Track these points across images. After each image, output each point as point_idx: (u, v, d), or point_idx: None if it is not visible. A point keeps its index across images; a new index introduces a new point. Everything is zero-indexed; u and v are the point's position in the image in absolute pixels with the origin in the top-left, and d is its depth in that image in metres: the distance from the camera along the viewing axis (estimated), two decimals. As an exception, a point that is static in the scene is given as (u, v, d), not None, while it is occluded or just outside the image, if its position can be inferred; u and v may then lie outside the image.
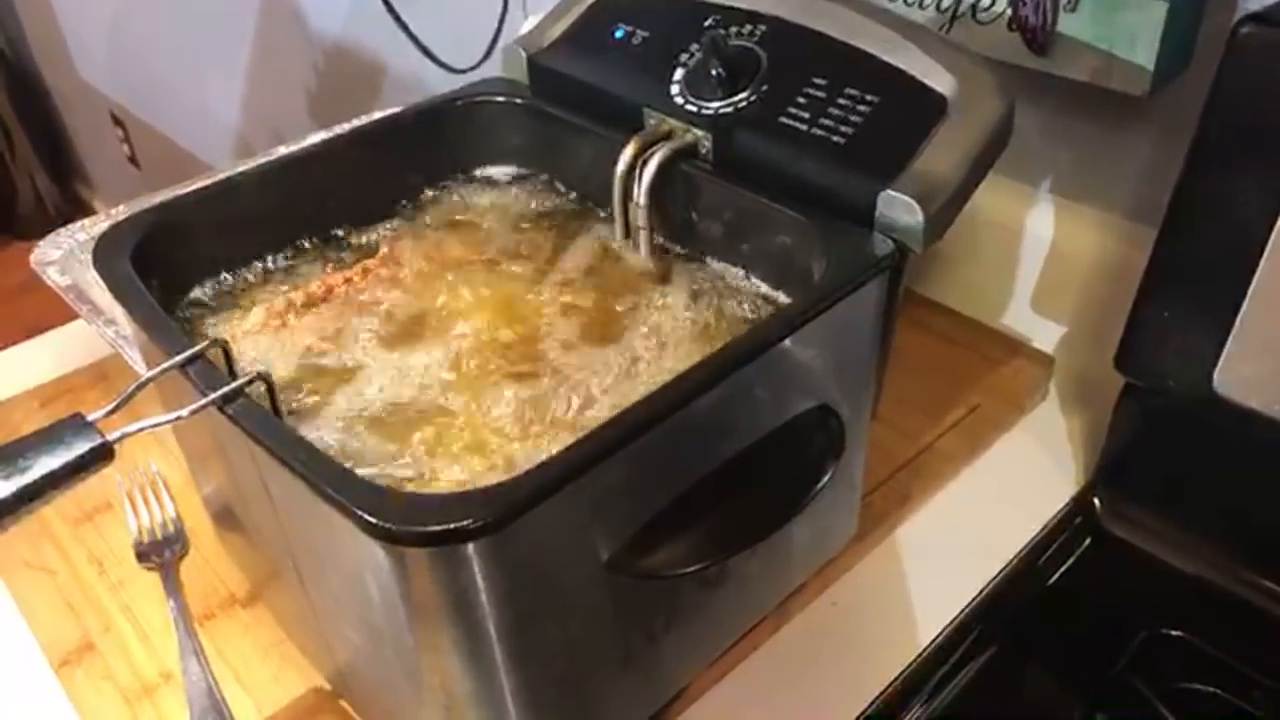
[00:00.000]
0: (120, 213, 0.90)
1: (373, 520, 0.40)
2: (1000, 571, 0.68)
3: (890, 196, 0.54)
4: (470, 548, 0.41)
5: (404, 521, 0.40)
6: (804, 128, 0.59)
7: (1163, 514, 0.68)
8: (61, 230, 0.89)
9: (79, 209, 3.16)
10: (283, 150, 0.86)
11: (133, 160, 2.70)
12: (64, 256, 0.86)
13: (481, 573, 0.42)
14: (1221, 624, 0.64)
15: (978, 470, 0.75)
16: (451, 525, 0.40)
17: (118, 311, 0.79)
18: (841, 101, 0.59)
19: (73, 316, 0.92)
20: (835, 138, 0.58)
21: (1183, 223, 0.59)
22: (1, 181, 3.03)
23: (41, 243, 0.87)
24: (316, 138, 0.91)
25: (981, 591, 0.66)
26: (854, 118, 0.58)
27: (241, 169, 0.66)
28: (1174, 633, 0.64)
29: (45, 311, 0.97)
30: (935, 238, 0.54)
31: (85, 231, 0.89)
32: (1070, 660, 0.64)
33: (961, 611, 0.65)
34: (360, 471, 0.45)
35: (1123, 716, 0.60)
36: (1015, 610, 0.66)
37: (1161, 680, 0.61)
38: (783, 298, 0.60)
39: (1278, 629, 0.63)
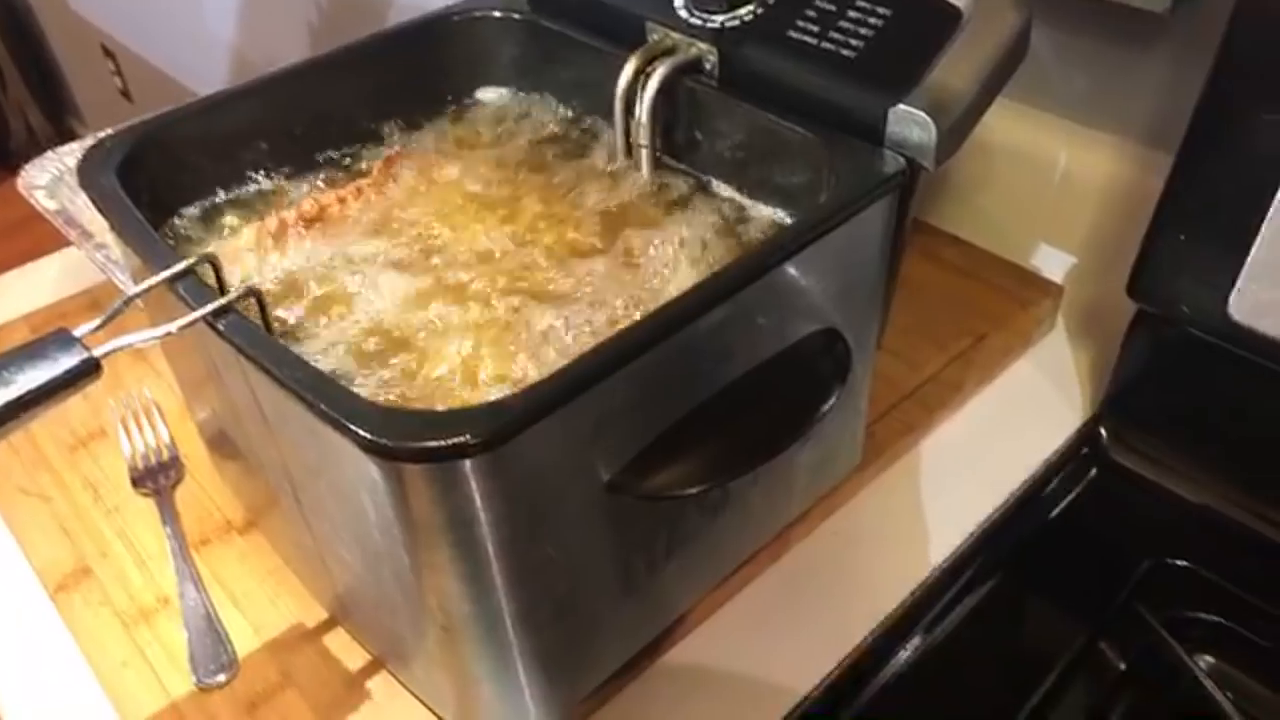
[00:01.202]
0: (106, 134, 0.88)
1: (369, 436, 0.39)
2: (1004, 501, 0.67)
3: (902, 111, 0.52)
4: (468, 465, 0.40)
5: (401, 437, 0.39)
6: (813, 41, 0.57)
7: (1170, 443, 0.67)
8: (49, 154, 0.87)
9: (71, 143, 3.12)
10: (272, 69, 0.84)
11: (125, 93, 2.66)
12: (52, 181, 0.85)
13: (479, 491, 0.41)
14: (1226, 553, 0.63)
15: (983, 400, 0.74)
16: (449, 441, 0.39)
17: (108, 234, 0.77)
18: (852, 14, 0.57)
19: (65, 247, 0.90)
20: (845, 51, 0.56)
21: (1201, 145, 0.57)
22: (-7, 117, 2.98)
23: (28, 166, 0.85)
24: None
25: (983, 523, 0.66)
26: (864, 31, 0.56)
27: (229, 87, 0.63)
28: (1178, 562, 0.63)
29: (45, 244, 0.95)
30: (947, 155, 0.53)
31: (73, 155, 0.87)
32: (1074, 590, 0.63)
33: (964, 542, 0.65)
34: (354, 390, 0.44)
35: (1127, 644, 0.60)
36: (1018, 540, 0.66)
37: (1165, 609, 0.60)
38: (787, 218, 0.58)
39: (1284, 558, 0.63)
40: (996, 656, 0.62)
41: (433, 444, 0.39)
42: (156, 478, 0.68)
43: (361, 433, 0.39)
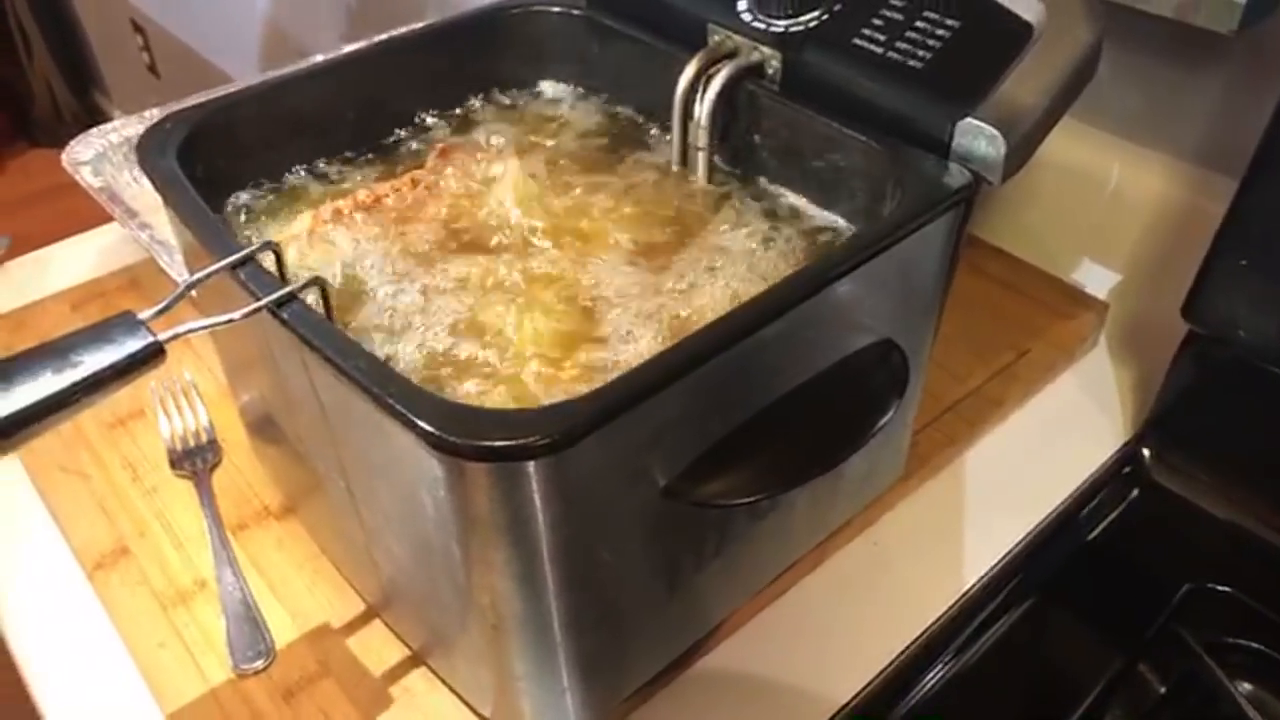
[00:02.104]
0: (154, 115, 0.88)
1: (435, 432, 0.38)
2: (1042, 520, 0.67)
3: (970, 124, 0.51)
4: (531, 466, 0.40)
5: (466, 435, 0.38)
6: (879, 50, 0.56)
7: (1214, 466, 0.67)
8: (93, 131, 0.87)
9: (96, 117, 3.12)
10: (319, 58, 0.84)
11: (152, 69, 2.66)
12: (96, 157, 0.84)
13: (540, 492, 0.41)
14: (1269, 580, 0.63)
15: (1025, 415, 0.73)
16: (515, 441, 0.38)
17: (152, 214, 0.77)
18: (920, 24, 0.56)
19: (95, 222, 0.90)
20: (912, 62, 0.55)
21: (1269, 169, 0.57)
22: (19, 87, 2.98)
23: (73, 143, 0.85)
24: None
25: (1022, 540, 0.65)
26: (932, 41, 0.55)
27: (289, 70, 0.63)
28: (1220, 588, 0.63)
29: (66, 217, 0.95)
30: (1014, 171, 0.52)
31: (118, 133, 0.87)
32: (1112, 611, 0.63)
33: (1003, 558, 0.64)
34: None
35: (1168, 667, 0.59)
36: (1057, 559, 0.65)
37: (1205, 634, 0.60)
38: (844, 225, 0.58)
39: (1327, 589, 0.62)
40: (1033, 676, 0.61)
41: (499, 444, 0.39)
42: (194, 460, 0.68)
43: (427, 428, 0.39)
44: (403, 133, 0.65)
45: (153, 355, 0.41)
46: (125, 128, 0.87)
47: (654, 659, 0.55)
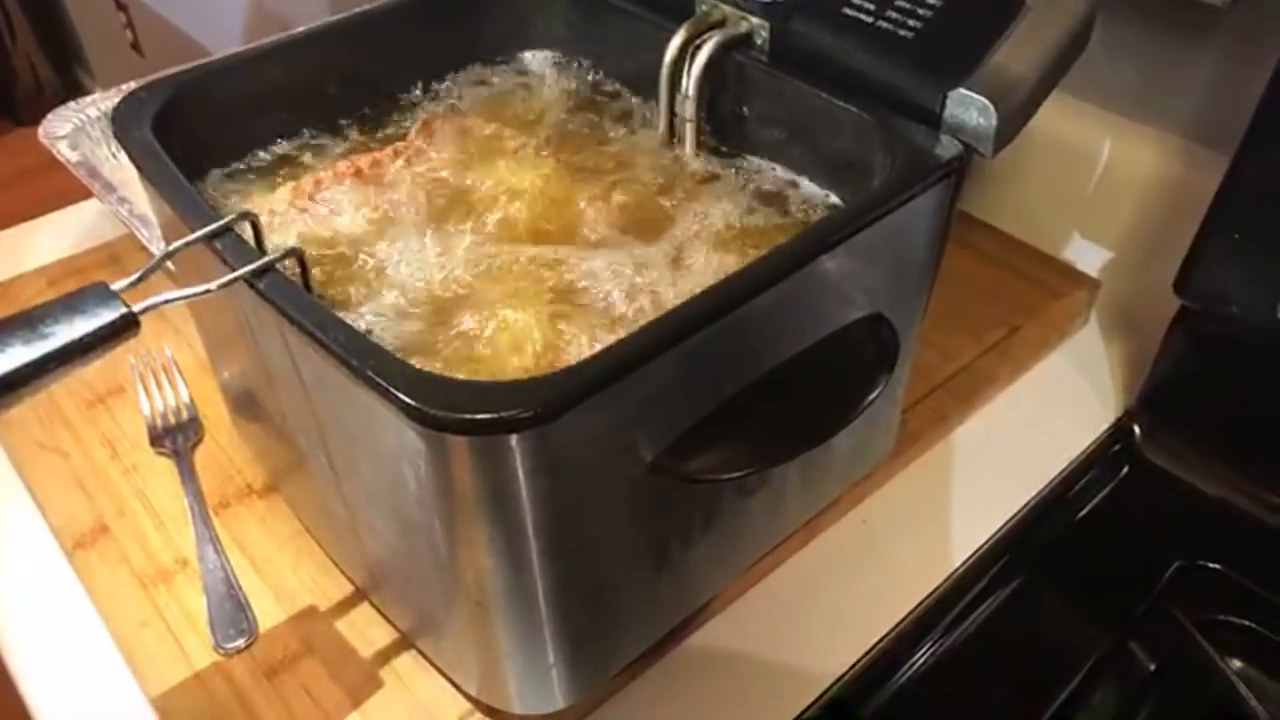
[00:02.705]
0: (132, 89, 0.86)
1: (415, 405, 0.37)
2: (1033, 497, 0.66)
3: (962, 95, 0.50)
4: (514, 439, 0.39)
5: (448, 408, 0.38)
6: (869, 19, 0.55)
7: (1205, 443, 0.67)
8: (71, 104, 0.85)
9: (79, 95, 3.08)
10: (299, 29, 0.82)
11: (135, 47, 2.62)
12: (74, 131, 0.83)
13: (523, 466, 0.40)
14: (1259, 557, 0.63)
15: (1016, 392, 0.73)
16: (498, 414, 0.38)
17: (131, 188, 0.76)
18: (910, -7, 0.55)
19: (77, 201, 0.89)
20: (903, 31, 0.54)
21: (1262, 144, 0.56)
22: (1, 65, 2.94)
23: (50, 116, 0.83)
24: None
25: (1012, 518, 0.65)
26: (923, 11, 0.54)
27: (267, 41, 0.62)
28: (1210, 565, 0.63)
29: (49, 197, 0.94)
30: (1005, 142, 0.51)
31: (95, 107, 0.85)
32: (1103, 588, 0.63)
33: (993, 535, 0.64)
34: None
35: (1158, 644, 0.59)
36: (1047, 538, 0.65)
37: (1195, 612, 0.60)
38: (834, 199, 0.57)
39: (1317, 565, 0.62)
40: (1023, 653, 0.61)
41: (481, 416, 0.38)
42: (175, 437, 0.67)
43: (408, 400, 0.38)
44: (384, 104, 0.64)
45: (126, 326, 0.40)
46: (103, 101, 0.85)
47: (641, 636, 0.55)
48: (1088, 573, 0.64)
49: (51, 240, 0.85)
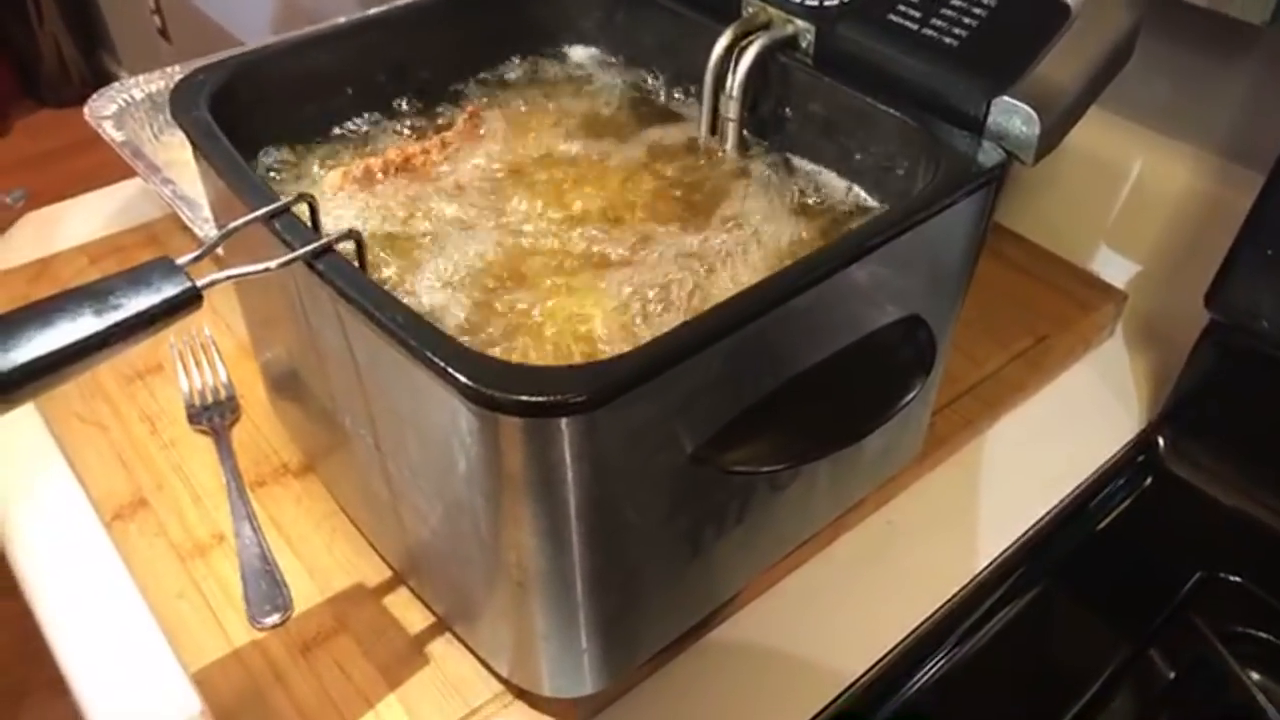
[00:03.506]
0: (175, 72, 0.88)
1: (472, 385, 0.38)
2: (1056, 506, 0.67)
3: (1006, 103, 0.51)
4: (564, 423, 0.40)
5: (503, 389, 0.39)
6: (914, 26, 0.56)
7: (1229, 457, 0.67)
8: (114, 86, 0.86)
9: (104, 79, 3.10)
10: (344, 19, 0.84)
11: (163, 33, 2.64)
12: (118, 112, 0.84)
13: (571, 450, 0.41)
14: (1278, 570, 0.63)
15: (1042, 401, 0.74)
16: (550, 398, 0.39)
17: (175, 169, 0.77)
18: (956, 2, 0.56)
19: (105, 182, 0.90)
20: (948, 39, 0.55)
21: (1299, 160, 0.57)
22: (27, 46, 2.97)
23: (95, 97, 0.85)
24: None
25: (1035, 525, 0.66)
26: (968, 19, 0.55)
27: (318, 28, 0.63)
28: (1231, 577, 0.63)
29: (79, 176, 0.95)
30: (1046, 151, 0.52)
31: (140, 89, 0.86)
32: (1122, 598, 0.63)
33: (1016, 542, 0.65)
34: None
35: (1178, 654, 0.60)
36: (1069, 546, 0.66)
37: (1214, 623, 0.60)
38: (873, 203, 0.58)
39: (1338, 581, 0.63)
40: (1043, 658, 0.62)
41: (534, 398, 0.39)
42: (213, 415, 0.68)
43: (464, 381, 0.39)
44: (433, 93, 0.65)
45: (190, 301, 0.41)
46: (147, 84, 0.87)
47: (670, 625, 0.56)
48: (1109, 581, 0.65)
49: (91, 218, 0.86)
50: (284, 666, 0.55)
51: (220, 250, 0.50)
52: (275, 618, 0.57)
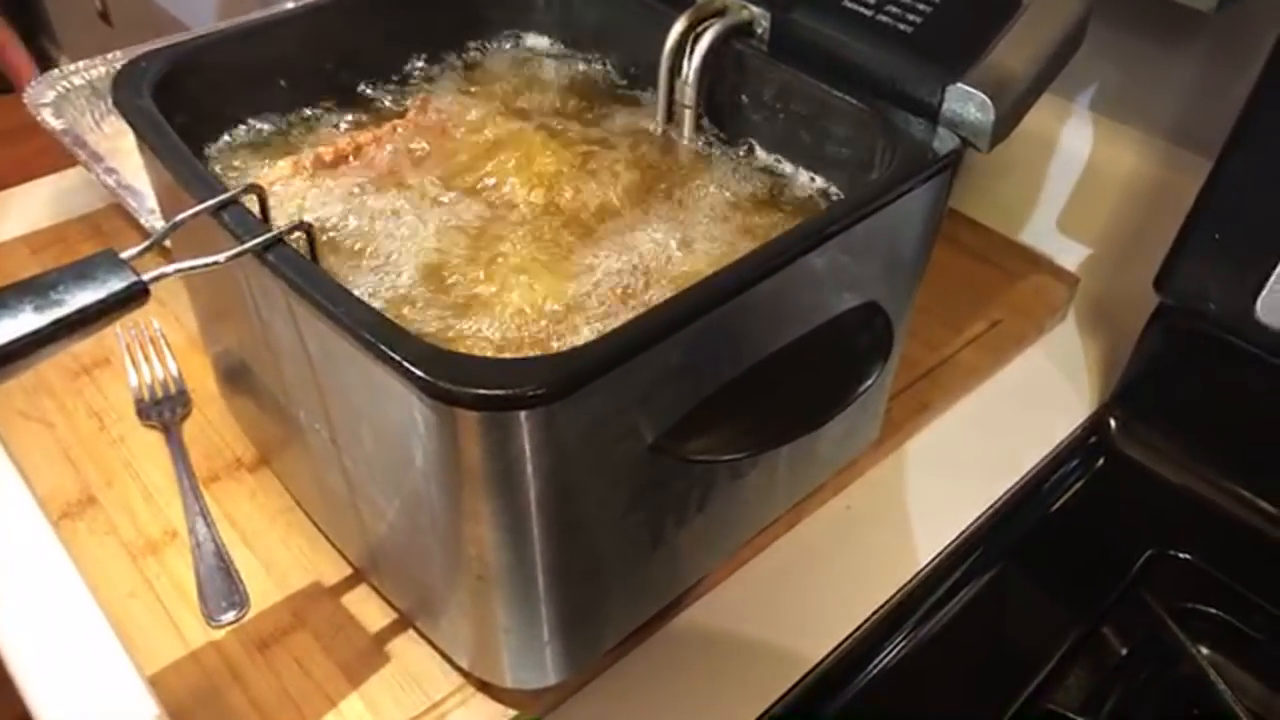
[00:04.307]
0: (117, 58, 0.85)
1: (428, 379, 0.38)
2: (1010, 488, 0.68)
3: (961, 90, 0.52)
4: (523, 415, 0.39)
5: (459, 382, 0.38)
6: (869, 13, 0.56)
7: (1178, 437, 0.69)
8: (54, 72, 0.84)
9: (45, 65, 3.02)
10: (291, 4, 0.82)
11: (104, 16, 2.58)
12: (58, 99, 0.82)
13: (530, 443, 0.41)
14: (1228, 548, 0.65)
15: (996, 385, 0.75)
16: (508, 390, 0.38)
17: (119, 158, 0.75)
18: (910, -12, 0.56)
19: (43, 172, 0.88)
20: (902, 25, 0.55)
21: (1246, 145, 0.58)
22: (-38, 31, 2.88)
23: (34, 83, 0.82)
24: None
25: (990, 507, 0.67)
26: (923, 5, 0.55)
27: (266, 14, 0.62)
28: (1180, 555, 0.64)
29: (16, 165, 0.93)
30: (1001, 137, 0.53)
31: (80, 75, 0.84)
32: (1076, 577, 0.64)
33: (971, 525, 0.65)
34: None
35: (1130, 630, 0.61)
36: (1023, 527, 0.66)
37: (1166, 599, 0.62)
38: (830, 189, 0.58)
39: (1282, 555, 0.64)
40: (999, 638, 0.63)
41: (491, 392, 0.38)
42: (163, 410, 0.67)
43: (419, 374, 0.38)
44: (384, 81, 0.64)
45: (135, 295, 0.40)
46: (87, 70, 0.84)
47: (632, 615, 0.56)
48: (1063, 561, 0.66)
49: (31, 208, 0.84)
50: (241, 665, 0.54)
51: (168, 242, 0.49)
52: (231, 615, 0.56)
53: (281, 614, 0.57)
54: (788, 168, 0.59)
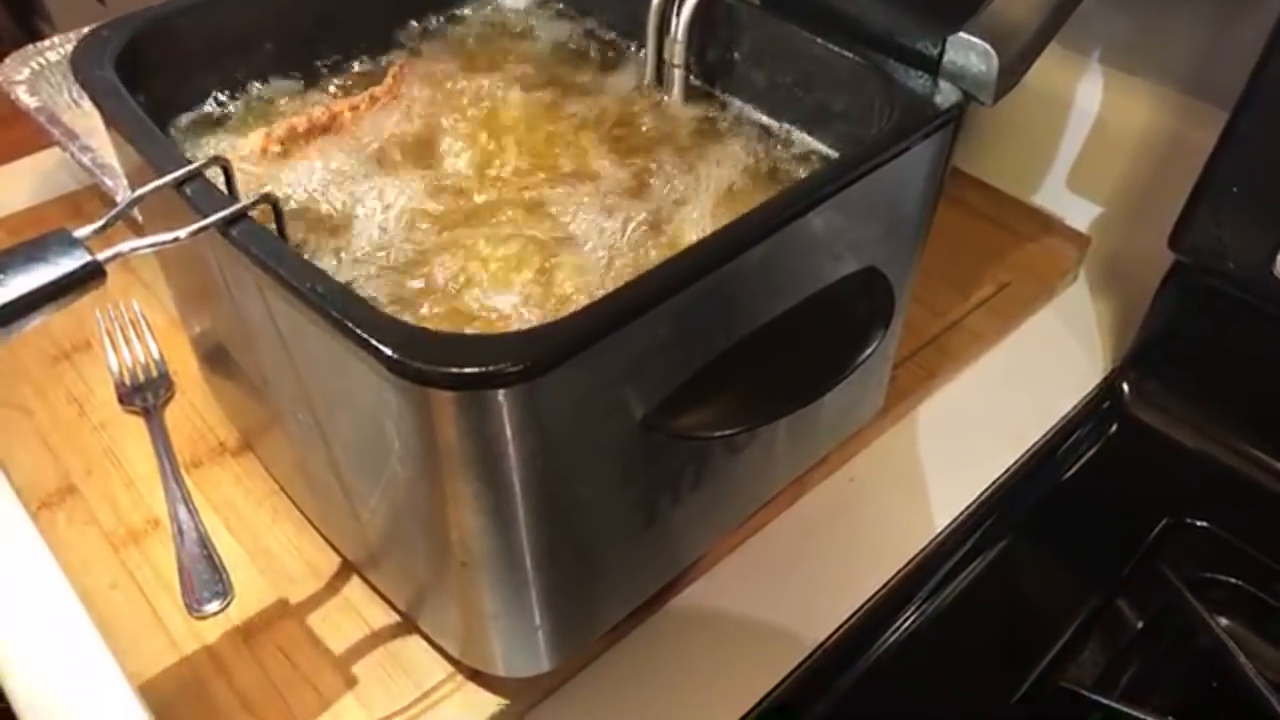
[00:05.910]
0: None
1: (397, 357, 0.36)
2: (1021, 456, 0.66)
3: (962, 39, 0.49)
4: (501, 394, 0.37)
5: (432, 361, 0.36)
6: (865, -38, 0.53)
7: (1194, 401, 0.66)
8: (29, 47, 0.82)
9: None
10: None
11: (97, -6, 2.54)
12: (32, 76, 0.80)
13: (511, 423, 0.38)
14: (1246, 515, 0.62)
15: (1005, 349, 0.72)
16: (485, 368, 0.36)
17: (96, 136, 0.73)
18: (908, -66, 0.53)
19: (27, 151, 0.86)
20: (900, -26, 0.52)
21: (1263, 98, 0.55)
22: (-46, 11, 2.85)
23: (7, 60, 0.80)
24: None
25: (1001, 476, 0.64)
26: (922, -47, 0.52)
27: (235, -21, 0.59)
28: (1198, 522, 0.62)
29: (7, 148, 0.90)
30: (1005, 90, 0.50)
31: (55, 51, 0.82)
32: (1090, 547, 0.62)
33: (982, 494, 0.63)
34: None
35: (1146, 602, 0.59)
36: (1035, 496, 0.64)
37: (1182, 569, 0.59)
38: (826, 150, 0.55)
39: (1304, 522, 0.62)
40: (1012, 611, 0.61)
41: (467, 370, 0.36)
42: (145, 395, 0.65)
43: (389, 354, 0.36)
44: (361, 49, 0.62)
45: (90, 276, 0.38)
46: (62, 45, 0.82)
47: (628, 597, 0.54)
48: (1076, 531, 0.63)
49: (11, 190, 0.82)
50: (226, 656, 0.53)
51: (139, 217, 0.47)
52: (215, 605, 0.55)
53: (267, 603, 0.55)
54: (783, 126, 0.57)
